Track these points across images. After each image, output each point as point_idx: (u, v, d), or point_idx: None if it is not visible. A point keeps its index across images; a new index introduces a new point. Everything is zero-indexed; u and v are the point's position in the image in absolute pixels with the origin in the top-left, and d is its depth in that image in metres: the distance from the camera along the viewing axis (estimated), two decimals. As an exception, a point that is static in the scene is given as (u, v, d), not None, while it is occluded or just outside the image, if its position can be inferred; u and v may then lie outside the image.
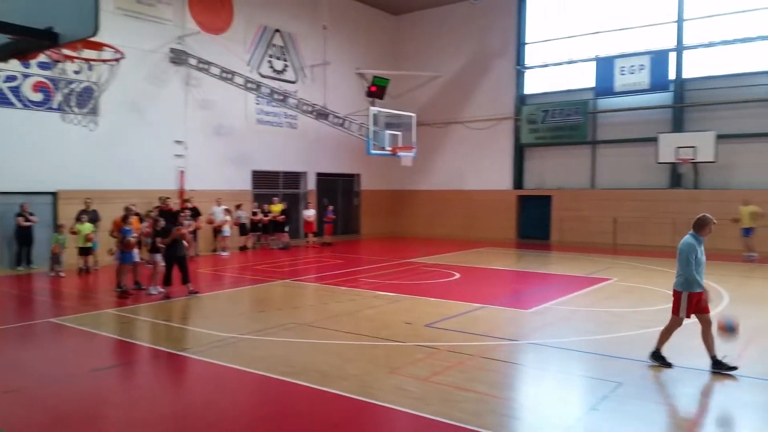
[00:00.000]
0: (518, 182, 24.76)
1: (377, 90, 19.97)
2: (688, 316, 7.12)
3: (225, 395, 6.31)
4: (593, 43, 22.83)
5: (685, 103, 20.97)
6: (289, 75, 22.53)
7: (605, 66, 21.89)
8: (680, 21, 21.03)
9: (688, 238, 7.16)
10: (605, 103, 22.66)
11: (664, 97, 21.32)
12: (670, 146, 20.04)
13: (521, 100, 24.52)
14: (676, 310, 7.20)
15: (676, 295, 7.22)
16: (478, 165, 25.38)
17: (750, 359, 7.57)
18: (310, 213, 21.67)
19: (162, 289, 11.74)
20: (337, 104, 21.95)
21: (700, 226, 7.15)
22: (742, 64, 20.03)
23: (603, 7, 22.70)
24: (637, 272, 15.11)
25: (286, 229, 20.73)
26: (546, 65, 24.06)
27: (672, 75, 20.84)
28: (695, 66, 20.94)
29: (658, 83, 20.86)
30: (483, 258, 18.37)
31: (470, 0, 23.31)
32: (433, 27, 26.43)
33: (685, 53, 21.00)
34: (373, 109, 18.45)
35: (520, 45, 24.44)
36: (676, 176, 20.98)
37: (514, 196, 24.55)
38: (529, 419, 5.78)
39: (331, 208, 22.40)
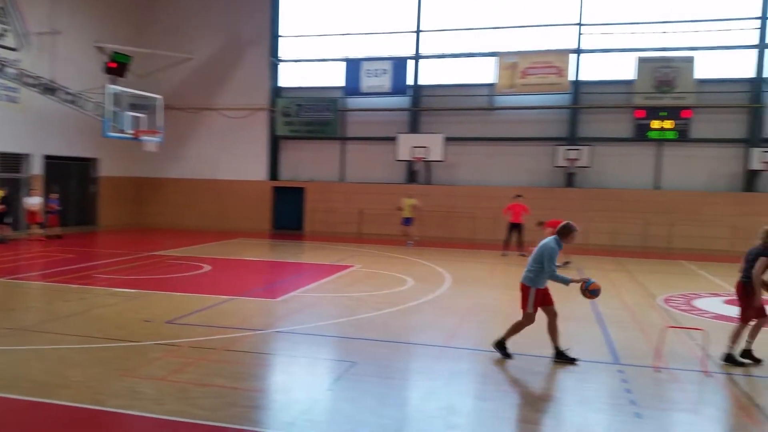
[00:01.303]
0: (273, 173, 24.94)
1: (117, 67, 18.34)
2: (535, 310, 7.23)
3: None
4: (343, 44, 24.02)
5: (420, 107, 23.31)
6: (8, 41, 19.34)
7: (353, 67, 23.22)
8: (418, 32, 23.26)
9: (551, 242, 7.21)
10: (353, 102, 24.03)
11: (403, 101, 23.42)
12: (407, 146, 22.09)
13: (276, 92, 24.70)
14: (525, 305, 7.26)
15: (525, 289, 7.27)
16: (233, 154, 24.92)
17: (466, 333, 8.76)
18: (34, 201, 18.86)
19: None
20: (69, 79, 19.52)
21: (565, 234, 7.24)
22: (466, 76, 22.96)
23: (352, 10, 23.94)
24: (378, 259, 16.40)
25: (8, 220, 17.85)
26: (299, 60, 24.62)
27: (410, 81, 22.99)
28: (429, 74, 23.36)
29: (398, 87, 22.85)
30: (235, 249, 18.13)
31: None
32: (184, 6, 25.07)
33: (421, 62, 23.32)
34: (111, 88, 16.88)
35: (275, 37, 24.58)
36: (412, 173, 23.23)
37: (269, 186, 24.67)
38: (269, 407, 5.89)
39: (54, 196, 19.43)
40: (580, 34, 21.83)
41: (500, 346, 7.33)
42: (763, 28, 20.46)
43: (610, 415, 5.93)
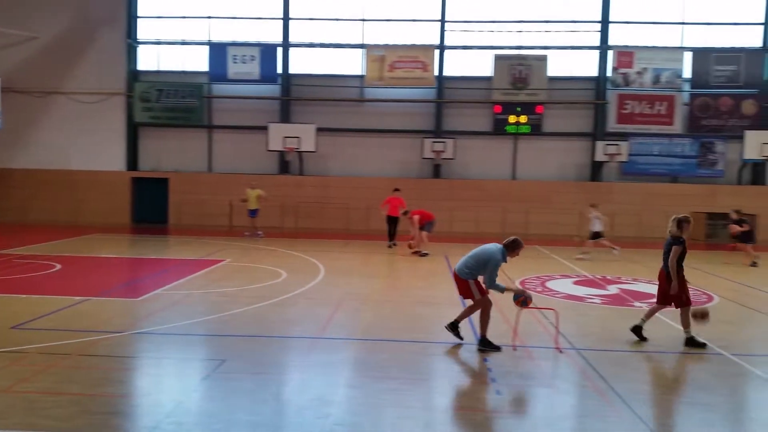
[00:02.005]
0: (132, 163, 23.44)
1: (-56, 44, 16.17)
2: (483, 294, 7.50)
3: None
4: (208, 27, 23.05)
5: (290, 96, 23.01)
6: None
7: (219, 52, 22.40)
8: (286, 19, 22.88)
9: (497, 253, 7.38)
10: (220, 89, 23.19)
11: (273, 89, 23.01)
12: (278, 135, 21.72)
13: (134, 75, 23.18)
14: (471, 295, 7.57)
15: (464, 283, 7.55)
16: (86, 142, 23.06)
17: (338, 323, 8.83)
18: None
19: None
20: None
21: (513, 248, 7.47)
22: (337, 67, 23.00)
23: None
24: (249, 252, 16.03)
25: None
26: (160, 42, 23.27)
27: (280, 69, 22.61)
28: (300, 63, 23.12)
29: (268, 75, 22.42)
30: (90, 246, 16.83)
31: None
32: (25, -21, 22.70)
33: (291, 51, 23.00)
34: (-62, 68, 14.89)
35: (132, 17, 23.00)
36: (284, 163, 22.91)
37: (127, 177, 23.15)
38: (130, 413, 5.56)
39: None
40: (443, 30, 22.70)
41: (484, 343, 7.46)
42: (603, 31, 22.54)
43: (473, 392, 6.29)
